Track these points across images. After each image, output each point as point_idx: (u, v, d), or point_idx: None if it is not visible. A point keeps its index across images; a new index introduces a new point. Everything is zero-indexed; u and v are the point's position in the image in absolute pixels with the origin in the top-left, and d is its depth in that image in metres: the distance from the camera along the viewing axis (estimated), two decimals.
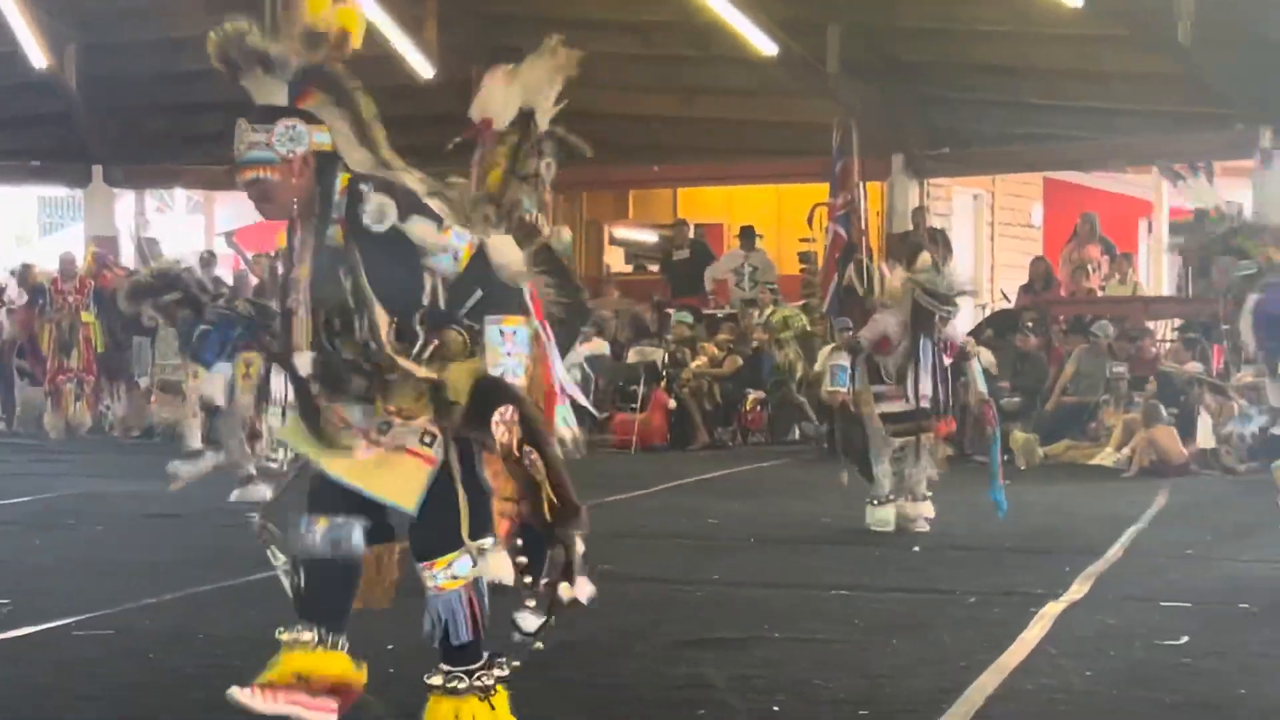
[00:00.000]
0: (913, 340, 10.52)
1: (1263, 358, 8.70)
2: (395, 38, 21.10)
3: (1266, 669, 6.41)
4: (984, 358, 11.09)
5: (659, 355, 19.37)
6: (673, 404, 18.70)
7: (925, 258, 10.94)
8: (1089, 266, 20.27)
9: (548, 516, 4.87)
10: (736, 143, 21.83)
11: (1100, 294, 20.15)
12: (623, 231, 25.17)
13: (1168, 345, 18.34)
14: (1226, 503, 12.79)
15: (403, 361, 4.92)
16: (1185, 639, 6.97)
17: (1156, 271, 23.30)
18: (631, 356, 19.58)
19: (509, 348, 4.92)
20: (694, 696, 5.87)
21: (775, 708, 5.71)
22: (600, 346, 19.42)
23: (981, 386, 10.76)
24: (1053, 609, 7.72)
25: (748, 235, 21.69)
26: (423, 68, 21.43)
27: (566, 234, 8.80)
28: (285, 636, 5.04)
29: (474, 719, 4.98)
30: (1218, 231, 8.74)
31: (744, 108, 21.36)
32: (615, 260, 24.90)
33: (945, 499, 10.91)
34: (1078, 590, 8.29)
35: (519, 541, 5.04)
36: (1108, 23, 18.35)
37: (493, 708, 5.02)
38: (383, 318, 4.92)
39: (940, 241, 20.15)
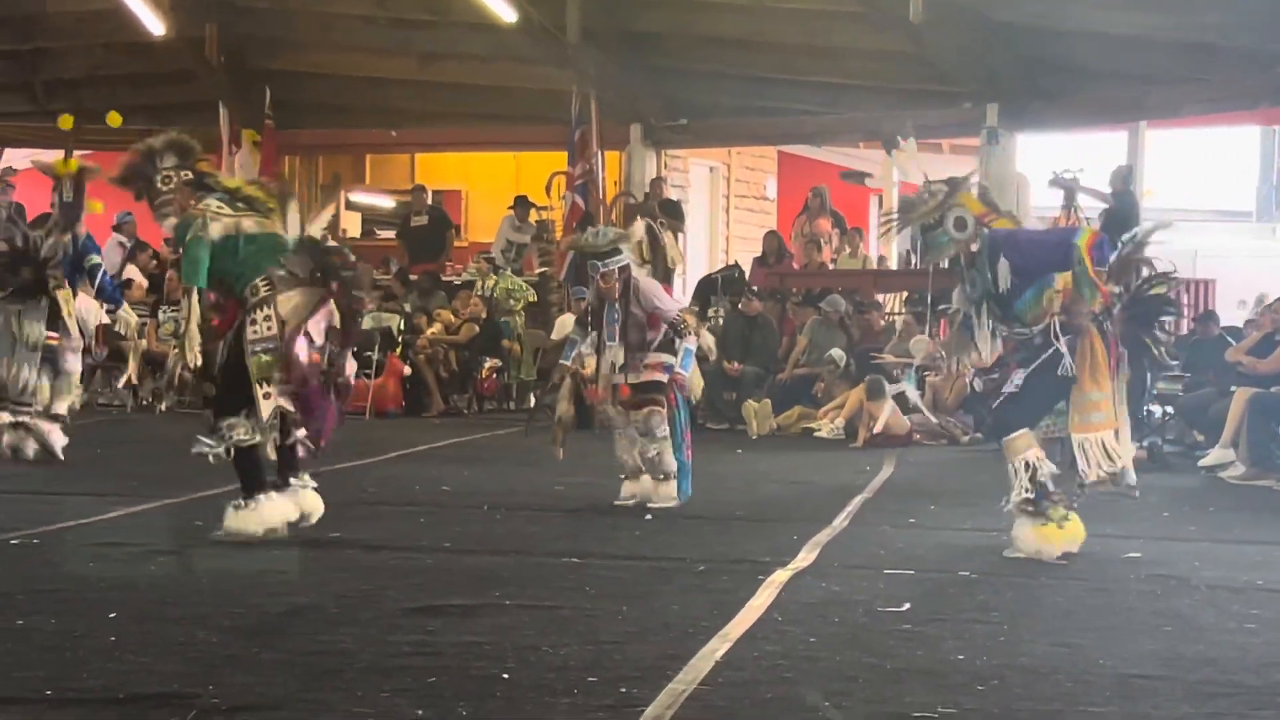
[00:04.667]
0: (595, 311, 10.39)
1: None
2: None
3: (981, 634, 6.56)
4: (704, 340, 10.61)
5: (395, 321, 19.23)
6: (408, 370, 18.57)
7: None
8: (820, 240, 20.58)
9: None
10: (475, 109, 21.72)
11: (832, 266, 20.47)
12: (359, 196, 24.91)
13: (898, 318, 18.67)
14: (949, 473, 13.09)
15: None
16: (907, 605, 7.11)
17: (886, 245, 23.74)
18: (366, 322, 19.38)
19: None
20: (422, 664, 5.82)
21: (505, 675, 5.69)
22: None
23: (681, 366, 10.25)
24: (780, 576, 7.81)
25: (522, 205, 21.48)
26: (154, 25, 20.97)
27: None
28: None
29: None
30: (929, 201, 8.80)
31: (483, 74, 21.26)
32: (352, 225, 24.64)
33: None
34: (805, 558, 8.41)
35: None
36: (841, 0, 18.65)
37: None
38: None
39: (675, 213, 20.32)
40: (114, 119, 12.75)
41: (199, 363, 8.61)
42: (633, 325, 10.26)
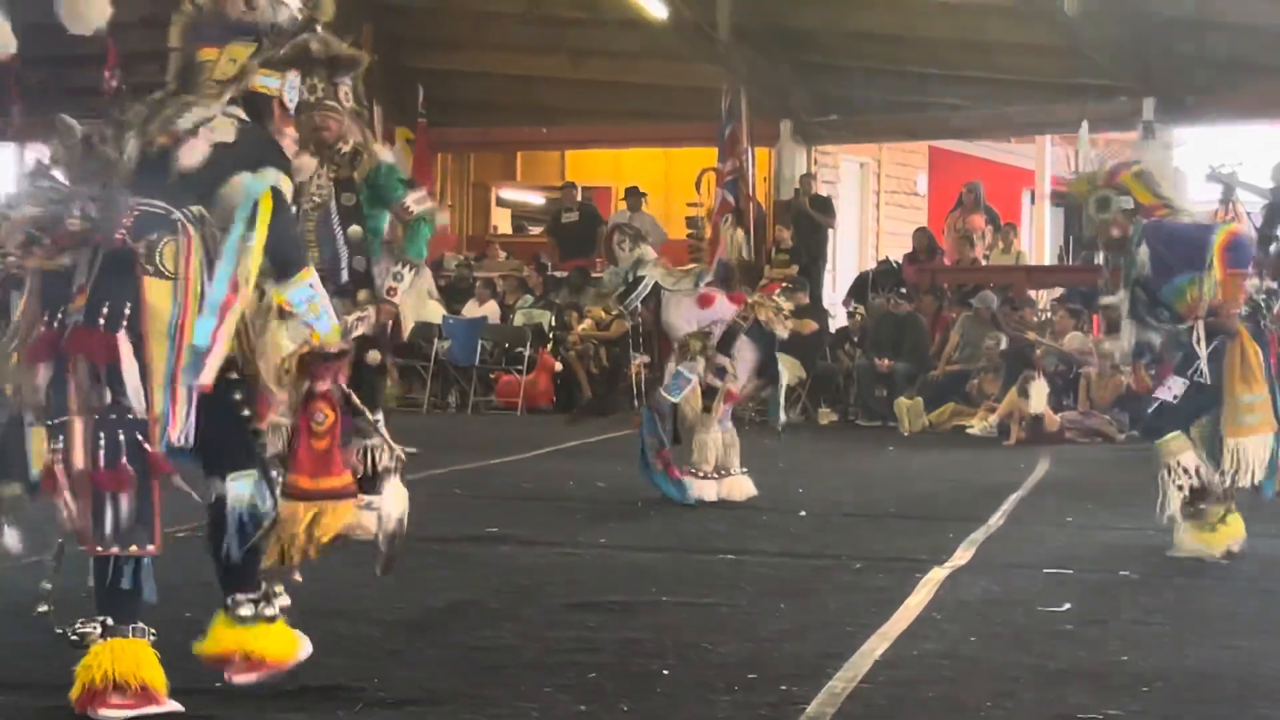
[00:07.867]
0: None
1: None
2: None
3: (1145, 636, 6.49)
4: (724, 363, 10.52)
5: (545, 317, 19.35)
6: (559, 366, 18.67)
7: None
8: (973, 235, 20.44)
9: None
10: (625, 106, 21.81)
11: (984, 263, 20.32)
12: (510, 193, 25.09)
13: (1049, 315, 18.48)
14: (1105, 472, 12.95)
15: None
16: (1067, 605, 7.04)
17: (1039, 241, 23.53)
18: (518, 318, 19.54)
19: None
20: (581, 660, 5.85)
21: (664, 671, 5.71)
22: (489, 308, 19.45)
23: (668, 390, 10.39)
24: (937, 575, 7.77)
25: (634, 195, 21.65)
26: None
27: None
28: None
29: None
30: (1101, 171, 8.74)
31: (633, 71, 21.35)
32: (502, 222, 24.83)
33: (831, 466, 10.96)
34: (961, 557, 8.35)
35: None
36: None
37: None
38: None
39: (825, 209, 20.28)
40: None
41: None
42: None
